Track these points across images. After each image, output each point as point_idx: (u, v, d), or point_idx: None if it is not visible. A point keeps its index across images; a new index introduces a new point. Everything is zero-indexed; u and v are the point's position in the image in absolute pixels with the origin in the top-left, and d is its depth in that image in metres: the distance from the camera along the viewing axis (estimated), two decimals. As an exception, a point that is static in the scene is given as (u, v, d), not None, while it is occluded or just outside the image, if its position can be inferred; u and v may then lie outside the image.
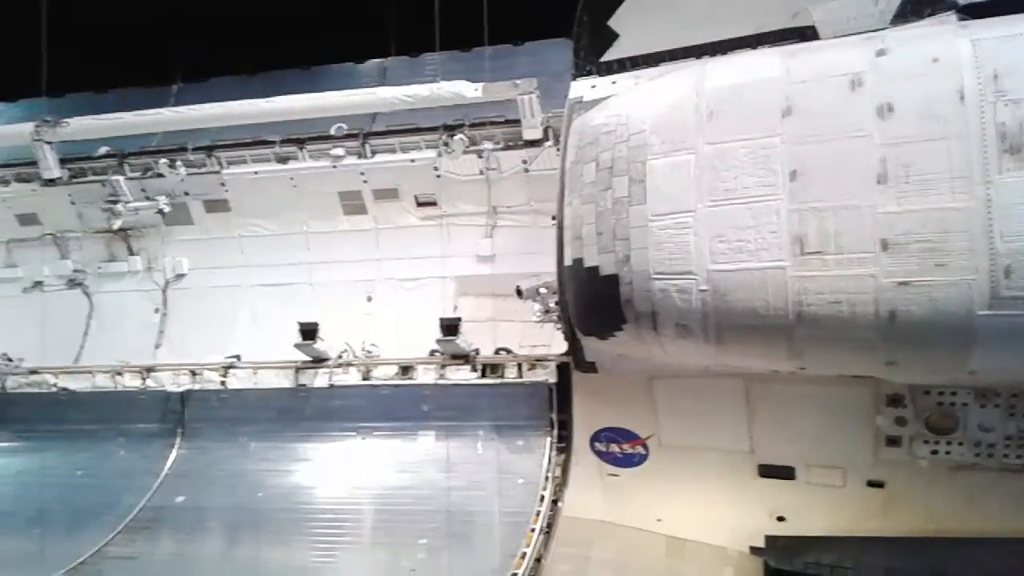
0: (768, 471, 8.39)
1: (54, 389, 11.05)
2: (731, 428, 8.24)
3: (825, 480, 8.22)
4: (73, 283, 13.52)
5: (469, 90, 10.59)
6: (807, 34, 7.55)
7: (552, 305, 8.88)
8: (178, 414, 10.51)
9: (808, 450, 8.16)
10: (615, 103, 7.82)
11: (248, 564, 9.09)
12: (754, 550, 8.85)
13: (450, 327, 9.44)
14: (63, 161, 12.68)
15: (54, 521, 9.79)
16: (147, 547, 9.39)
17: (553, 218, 8.28)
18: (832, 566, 8.31)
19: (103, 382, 10.89)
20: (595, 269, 7.33)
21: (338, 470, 9.88)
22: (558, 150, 9.64)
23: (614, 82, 8.31)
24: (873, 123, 6.39)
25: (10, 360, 11.70)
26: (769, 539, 8.70)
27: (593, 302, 7.51)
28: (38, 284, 13.66)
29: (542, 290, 9.05)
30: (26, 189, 13.07)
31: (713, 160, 6.92)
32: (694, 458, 8.59)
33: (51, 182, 12.75)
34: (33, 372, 11.12)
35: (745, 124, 6.88)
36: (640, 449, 8.74)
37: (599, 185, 7.38)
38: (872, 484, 8.05)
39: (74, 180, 12.83)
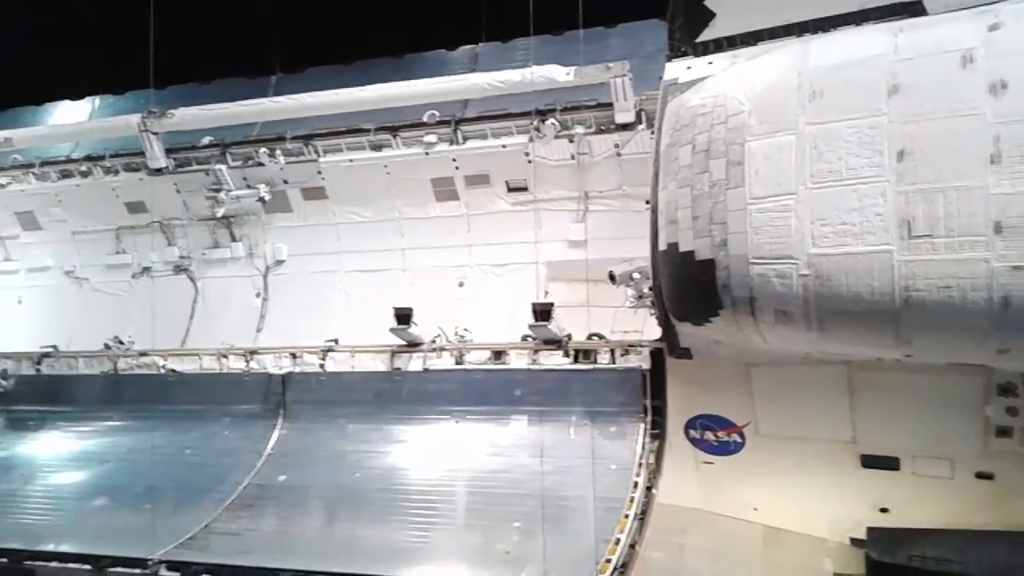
0: (871, 461, 8.13)
1: (163, 371, 11.47)
2: (832, 417, 8.01)
3: (931, 471, 7.93)
4: (179, 269, 14.08)
5: (561, 74, 10.54)
6: (914, 9, 7.22)
7: (646, 291, 8.77)
8: (279, 396, 10.80)
9: (914, 440, 7.89)
10: (712, 84, 7.64)
11: (346, 542, 9.28)
12: (855, 542, 8.59)
13: (543, 312, 9.43)
14: (168, 151, 13.18)
15: (164, 497, 10.16)
16: (251, 524, 9.68)
17: (647, 202, 8.18)
18: (937, 559, 8.02)
19: (209, 364, 11.25)
20: (691, 254, 7.21)
21: (432, 452, 10.00)
22: (652, 133, 9.53)
23: (710, 62, 8.12)
24: (985, 101, 6.11)
25: (121, 343, 12.22)
26: (871, 531, 8.44)
27: (688, 287, 7.39)
28: (146, 270, 14.28)
29: (635, 275, 8.96)
30: (134, 178, 13.63)
31: (816, 141, 6.71)
32: (793, 447, 8.39)
33: (157, 171, 13.26)
34: (143, 354, 11.58)
35: (850, 103, 6.65)
36: (736, 437, 8.59)
37: (695, 168, 7.25)
38: (981, 476, 7.74)
39: (179, 169, 13.31)
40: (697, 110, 7.45)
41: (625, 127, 10.81)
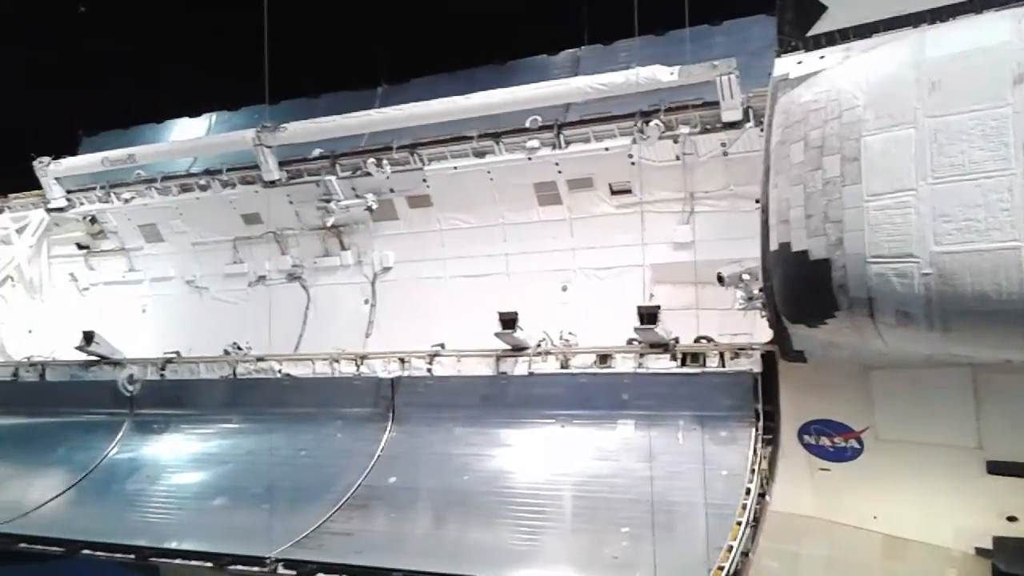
0: (998, 468, 7.70)
1: (278, 375, 11.82)
2: (957, 422, 7.66)
3: (1066, 480, 7.50)
4: (292, 277, 14.54)
5: (665, 74, 10.42)
6: (1040, -6, 6.87)
7: (756, 292, 8.55)
8: (389, 399, 10.96)
9: (1046, 446, 7.47)
10: (824, 78, 7.42)
11: (455, 544, 9.34)
12: (980, 552, 8.14)
13: (649, 315, 9.31)
14: (282, 164, 13.63)
15: (280, 497, 10.42)
16: (363, 524, 9.83)
17: (756, 201, 8.00)
18: (1070, 571, 7.56)
19: (321, 368, 11.52)
20: (804, 253, 7.01)
21: (538, 456, 9.97)
22: (761, 131, 9.30)
23: (822, 57, 7.87)
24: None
25: (240, 348, 12.68)
26: (998, 540, 7.97)
27: (802, 288, 7.19)
28: (262, 278, 14.81)
29: (745, 276, 8.76)
30: (250, 191, 14.17)
31: (936, 134, 6.44)
32: (914, 453, 8.03)
33: (271, 183, 13.73)
34: (260, 359, 11.95)
35: (972, 94, 6.35)
36: (854, 443, 8.29)
37: (808, 165, 7.05)
38: (1117, 483, 7.28)
39: (291, 181, 13.75)
40: (809, 106, 7.24)
41: (732, 125, 10.58)
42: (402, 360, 11.09)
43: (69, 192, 15.69)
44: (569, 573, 8.59)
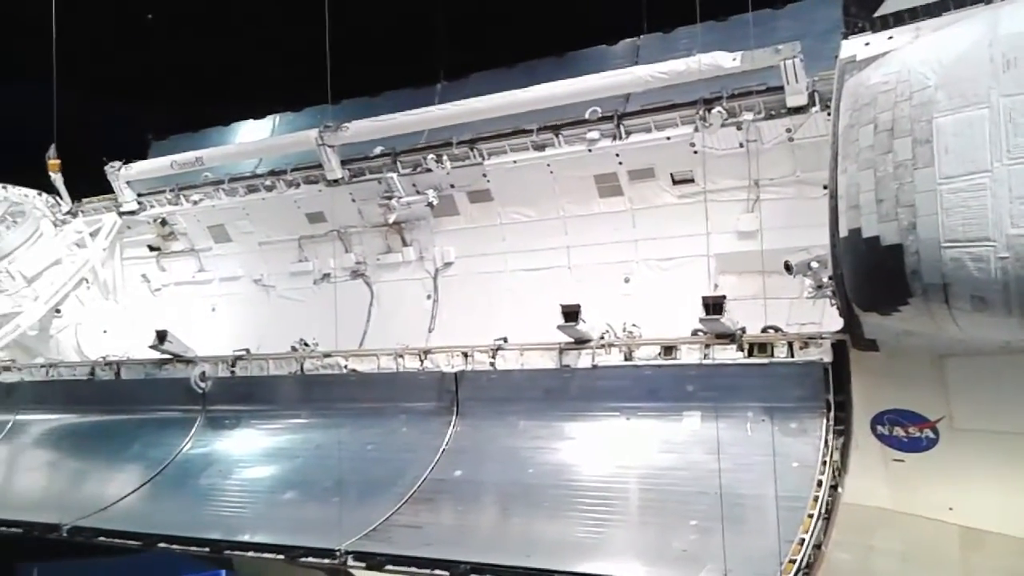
0: (1081, 456, 7.46)
1: (344, 370, 11.95)
2: (1037, 410, 7.41)
3: None
4: (356, 274, 14.74)
5: (727, 60, 10.27)
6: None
7: (825, 280, 8.38)
8: (452, 393, 11.01)
9: None
10: (894, 59, 7.21)
11: (521, 537, 9.35)
12: (1064, 544, 7.90)
13: (715, 305, 9.17)
14: (344, 162, 13.82)
15: (348, 490, 10.55)
16: (430, 517, 9.91)
17: (824, 187, 7.83)
18: None
19: (386, 364, 11.62)
20: (875, 239, 6.83)
21: (603, 449, 9.92)
22: (828, 115, 9.12)
23: (890, 37, 7.66)
24: None
25: (307, 345, 12.86)
26: (1083, 533, 7.74)
27: (873, 275, 7.00)
28: (326, 276, 15.04)
29: (814, 264, 8.58)
30: (313, 190, 14.40)
31: (1012, 114, 6.21)
32: (993, 442, 7.77)
33: (334, 182, 13.94)
34: (327, 355, 12.10)
35: (1051, 71, 6.13)
36: (929, 432, 8.06)
37: (878, 149, 6.87)
38: None
39: (354, 179, 13.94)
40: (879, 88, 7.05)
41: (797, 111, 10.38)
42: (465, 354, 11.12)
43: (140, 196, 16.16)
44: (637, 566, 8.53)
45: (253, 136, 16.42)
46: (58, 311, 15.70)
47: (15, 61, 18.78)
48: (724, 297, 9.39)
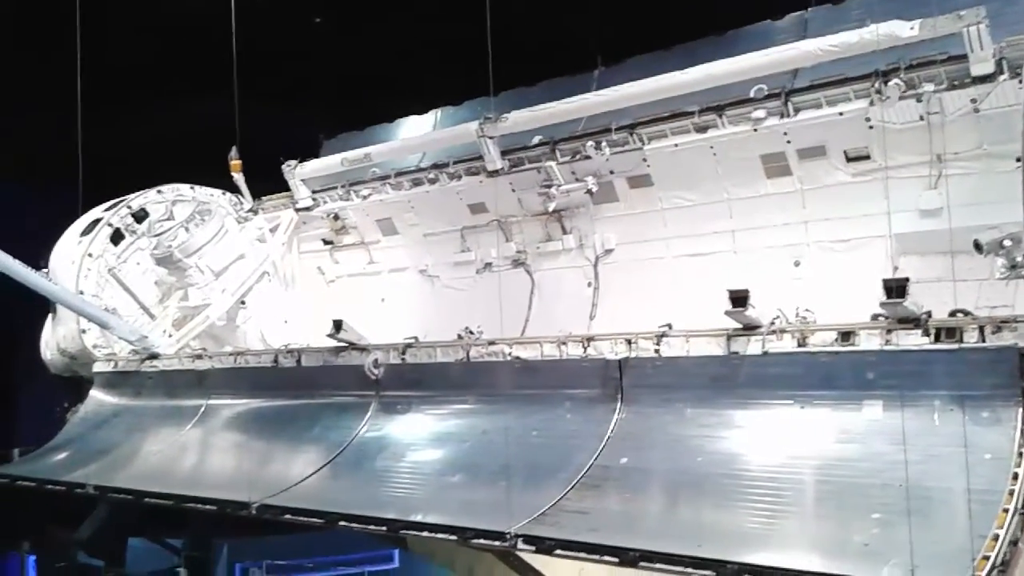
0: None
1: (509, 358, 12.10)
2: None
3: None
4: (517, 263, 14.93)
5: (904, 29, 9.64)
6: None
7: (1019, 259, 7.79)
8: (617, 380, 10.93)
9: None
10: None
11: (690, 526, 9.17)
12: None
13: (897, 288, 8.65)
14: (504, 153, 14.02)
15: (515, 475, 10.68)
16: (597, 503, 9.87)
17: (1017, 160, 7.25)
18: None
19: (549, 351, 11.69)
20: (1081, 213, 6.28)
21: (776, 438, 9.58)
22: (1019, 83, 8.47)
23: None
24: None
25: (472, 333, 13.13)
26: None
27: (1078, 251, 6.45)
28: (488, 265, 15.33)
29: (1006, 243, 7.99)
30: (475, 181, 14.69)
31: None
32: None
33: (495, 173, 14.16)
34: (491, 343, 12.31)
35: None
36: None
37: (1082, 114, 6.30)
38: None
39: (513, 169, 14.11)
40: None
41: (983, 79, 9.65)
42: (629, 341, 11.02)
43: (314, 192, 17.00)
44: (815, 559, 8.18)
45: (417, 131, 16.91)
46: (243, 303, 16.71)
47: (196, 73, 20.18)
48: (907, 279, 8.86)
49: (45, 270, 16.31)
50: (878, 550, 7.85)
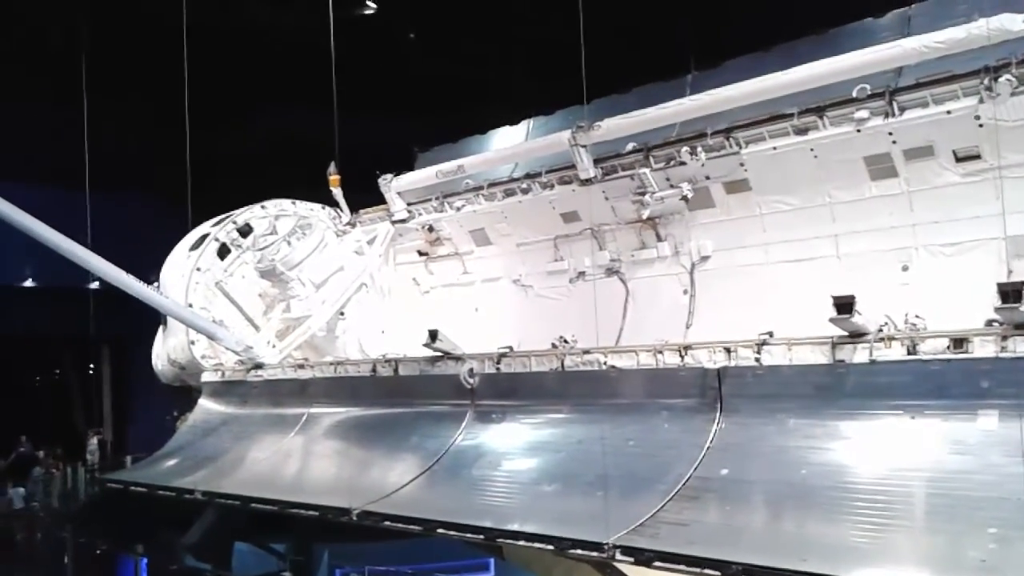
0: None
1: (604, 367, 12.02)
2: None
3: None
4: (610, 271, 14.85)
5: (1016, 23, 9.23)
6: None
7: None
8: (715, 390, 10.72)
9: None
10: None
11: (794, 539, 8.92)
12: None
13: (1013, 292, 8.25)
14: (596, 161, 13.94)
15: (612, 485, 10.56)
16: (696, 515, 9.67)
17: None
18: None
19: (645, 360, 11.53)
20: None
21: (885, 450, 9.23)
22: None
23: None
24: None
25: (566, 342, 13.08)
26: None
27: None
28: (581, 274, 15.30)
29: None
30: (567, 190, 14.69)
31: None
32: None
33: (587, 181, 14.09)
34: (586, 352, 12.24)
35: None
36: None
37: None
38: None
39: (606, 177, 14.03)
40: None
41: (1104, 72, 9.16)
42: (728, 350, 10.79)
43: (409, 204, 17.30)
44: (926, 574, 7.88)
45: (509, 142, 17.06)
46: (342, 314, 17.07)
47: (295, 91, 20.84)
48: (1022, 283, 8.43)
49: (156, 284, 17.01)
50: (995, 566, 7.49)
